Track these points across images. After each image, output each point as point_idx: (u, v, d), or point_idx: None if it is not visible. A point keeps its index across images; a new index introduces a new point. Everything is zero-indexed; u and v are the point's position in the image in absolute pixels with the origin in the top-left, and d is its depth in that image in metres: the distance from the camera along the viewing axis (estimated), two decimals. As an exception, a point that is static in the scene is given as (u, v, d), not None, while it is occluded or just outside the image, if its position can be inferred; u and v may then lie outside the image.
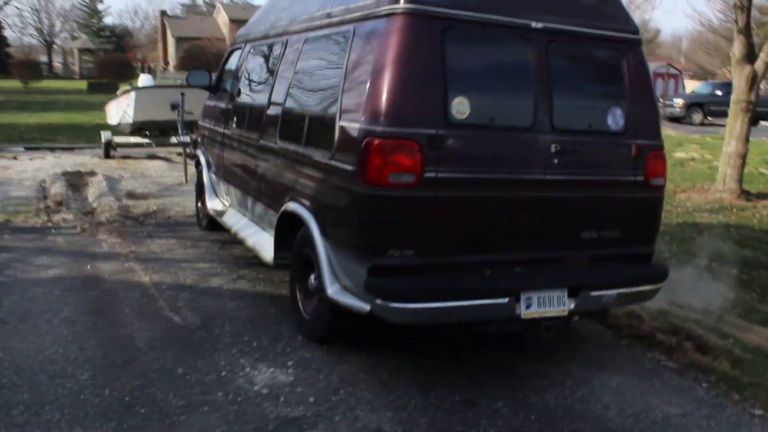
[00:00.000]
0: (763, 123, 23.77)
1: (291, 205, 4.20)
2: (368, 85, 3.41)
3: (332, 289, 3.66)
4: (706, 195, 10.00)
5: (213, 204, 6.37)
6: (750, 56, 9.54)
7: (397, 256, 3.40)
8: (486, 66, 3.67)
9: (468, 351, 4.21)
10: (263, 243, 4.79)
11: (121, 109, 11.77)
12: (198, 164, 6.97)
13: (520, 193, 3.62)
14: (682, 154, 15.17)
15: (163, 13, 58.29)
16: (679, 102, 24.90)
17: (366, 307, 3.46)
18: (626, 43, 3.93)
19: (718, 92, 24.48)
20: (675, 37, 66.08)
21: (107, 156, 11.72)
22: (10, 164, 10.86)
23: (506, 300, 3.50)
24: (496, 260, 3.64)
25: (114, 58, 44.39)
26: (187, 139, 9.52)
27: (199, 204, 7.05)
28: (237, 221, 5.61)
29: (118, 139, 11.83)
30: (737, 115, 9.69)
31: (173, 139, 11.17)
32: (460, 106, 3.44)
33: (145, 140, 11.74)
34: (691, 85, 30.76)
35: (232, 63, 6.29)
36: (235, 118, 5.67)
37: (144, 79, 13.08)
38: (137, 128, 11.69)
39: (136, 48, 61.47)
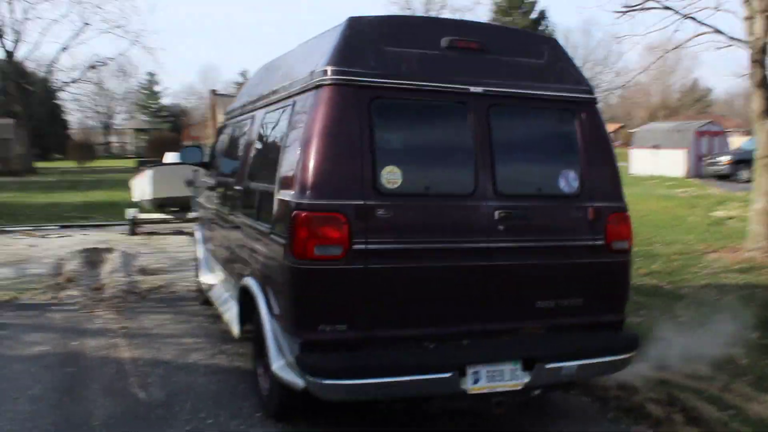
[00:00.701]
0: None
1: (246, 280, 4.22)
2: (298, 157, 3.44)
3: (276, 365, 3.61)
4: (737, 255, 9.59)
5: (205, 278, 6.44)
6: (768, 111, 9.29)
7: (329, 331, 3.33)
8: (420, 133, 3.67)
9: (430, 423, 4.04)
10: (232, 317, 4.79)
11: (141, 187, 12.21)
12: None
13: (463, 262, 3.53)
14: (721, 212, 14.68)
15: (213, 91, 60.84)
16: (724, 159, 24.28)
17: (300, 383, 3.38)
18: (578, 104, 3.88)
19: (767, 148, 23.73)
20: (729, 94, 65.29)
21: (133, 233, 12.08)
22: (38, 242, 11.29)
23: (449, 375, 3.37)
24: (441, 333, 3.52)
25: (164, 137, 46.37)
26: None
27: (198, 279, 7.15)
28: (219, 295, 5.65)
29: (142, 216, 12.20)
30: (763, 171, 9.37)
31: (191, 215, 11.45)
32: (391, 176, 3.42)
33: (168, 216, 12.07)
34: (739, 142, 30.01)
35: (219, 139, 6.48)
36: (215, 194, 5.81)
37: (170, 157, 13.56)
38: (158, 204, 12.05)
39: (190, 126, 64.15)
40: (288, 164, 3.60)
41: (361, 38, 3.56)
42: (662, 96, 59.25)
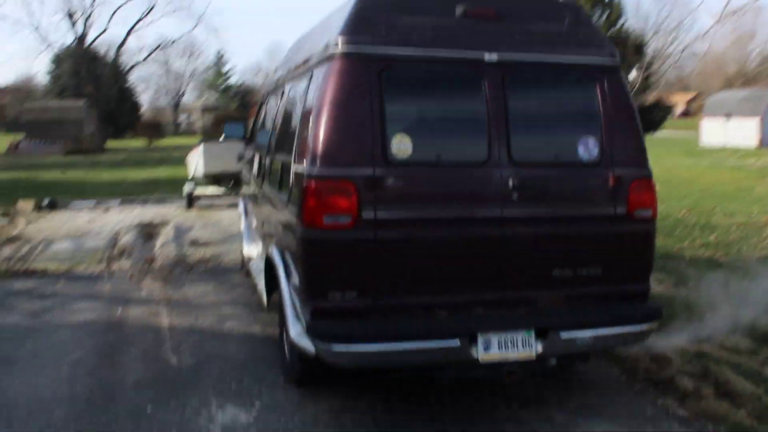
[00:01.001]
0: None
1: (270, 250, 4.31)
2: (311, 128, 3.48)
3: (293, 332, 3.69)
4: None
5: (248, 250, 6.61)
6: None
7: (339, 299, 3.38)
8: (432, 102, 3.65)
9: (449, 394, 4.07)
10: (261, 287, 4.92)
11: (194, 162, 12.54)
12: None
13: (475, 231, 3.51)
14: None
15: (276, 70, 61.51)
16: None
17: (312, 349, 3.46)
18: (599, 70, 3.76)
19: None
20: None
21: (190, 206, 12.45)
22: (98, 217, 11.79)
23: (457, 342, 3.37)
24: (453, 301, 3.52)
25: (230, 115, 47.27)
26: None
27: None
28: (255, 266, 5.79)
29: (198, 191, 12.55)
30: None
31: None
32: (401, 145, 3.42)
33: (223, 190, 12.38)
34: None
35: (258, 114, 6.61)
36: (252, 166, 5.93)
37: (229, 129, 13.79)
38: (212, 179, 12.36)
39: (257, 104, 65.17)
40: (302, 136, 3.66)
41: (373, 9, 3.56)
42: (739, 64, 56.46)
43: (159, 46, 39.32)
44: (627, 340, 3.86)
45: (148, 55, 39.91)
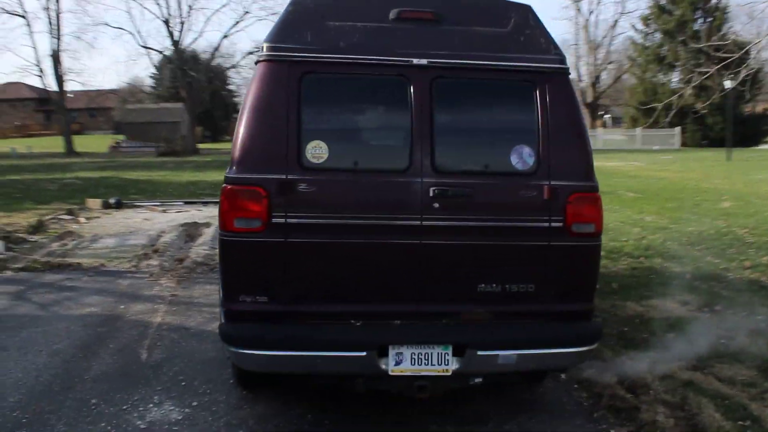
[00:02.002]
0: None
1: None
2: (235, 133, 3.59)
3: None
4: None
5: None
6: None
7: (250, 302, 3.45)
8: (353, 108, 3.66)
9: (387, 406, 4.06)
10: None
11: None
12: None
13: (392, 239, 3.47)
14: None
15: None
16: None
17: (228, 352, 3.56)
18: (541, 74, 3.64)
19: None
20: None
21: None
22: (154, 216, 12.44)
23: (364, 354, 3.36)
24: (370, 311, 3.51)
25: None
26: None
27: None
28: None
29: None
30: None
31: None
32: (315, 150, 3.45)
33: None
34: None
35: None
36: None
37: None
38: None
39: None
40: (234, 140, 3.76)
41: (303, 14, 3.61)
42: None
43: (253, 50, 40.69)
44: (560, 361, 3.70)
45: (242, 59, 41.57)
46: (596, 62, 53.16)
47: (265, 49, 3.53)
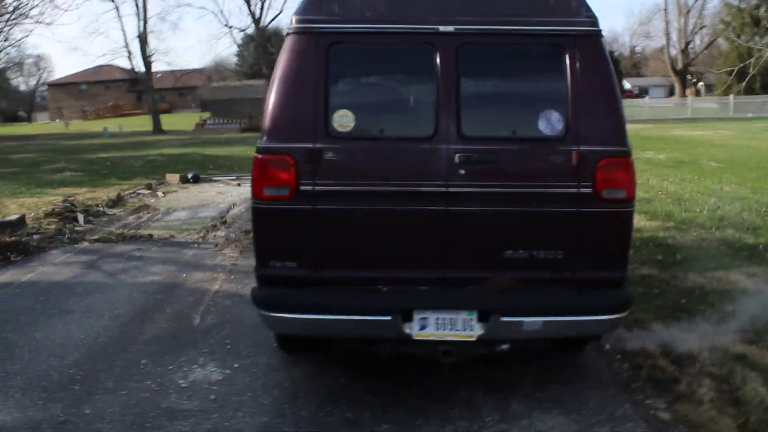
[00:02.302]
0: None
1: None
2: (265, 104, 3.69)
3: None
4: None
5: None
6: None
7: (279, 267, 3.58)
8: (380, 77, 3.70)
9: (419, 372, 4.13)
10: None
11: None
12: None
13: (418, 206, 3.51)
14: None
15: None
16: None
17: (259, 315, 3.70)
18: (571, 38, 3.55)
19: None
20: None
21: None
22: (229, 190, 12.86)
23: (389, 318, 3.43)
24: (396, 277, 3.56)
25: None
26: None
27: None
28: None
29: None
30: None
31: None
32: (342, 119, 3.51)
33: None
34: None
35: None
36: None
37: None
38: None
39: None
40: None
41: None
42: None
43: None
44: (586, 330, 3.65)
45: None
46: (687, 27, 50.61)
47: (293, 22, 3.61)
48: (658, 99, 52.82)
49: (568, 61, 3.53)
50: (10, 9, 35.01)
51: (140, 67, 45.30)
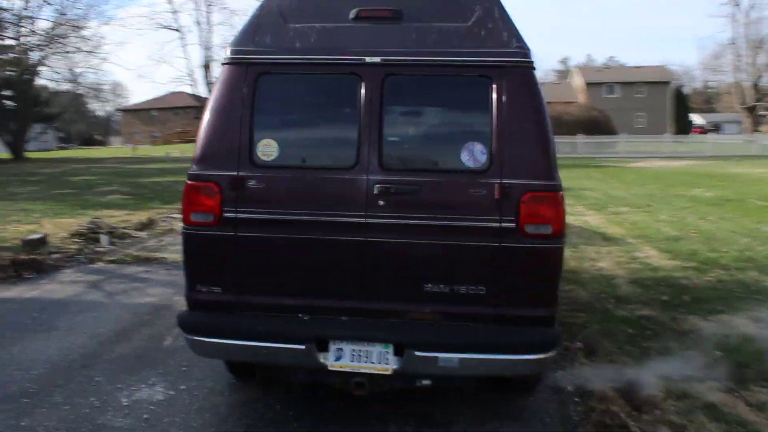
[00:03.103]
0: None
1: None
2: (198, 132, 3.85)
3: None
4: None
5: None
6: None
7: (205, 291, 3.70)
8: (305, 107, 3.80)
9: (357, 401, 4.15)
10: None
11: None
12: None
13: (337, 236, 3.57)
14: None
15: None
16: None
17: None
18: (499, 68, 3.58)
19: None
20: None
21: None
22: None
23: (303, 347, 3.48)
24: (317, 305, 3.62)
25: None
26: None
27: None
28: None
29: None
30: None
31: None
32: (266, 149, 3.64)
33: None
34: None
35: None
36: None
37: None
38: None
39: None
40: None
41: (267, 17, 3.82)
42: None
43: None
44: (508, 369, 3.58)
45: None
46: (757, 61, 48.98)
47: (228, 53, 3.78)
48: (728, 135, 51.17)
49: (495, 92, 3.55)
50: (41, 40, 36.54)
51: (205, 93, 47.01)
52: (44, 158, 41.50)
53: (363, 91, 3.60)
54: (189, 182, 3.70)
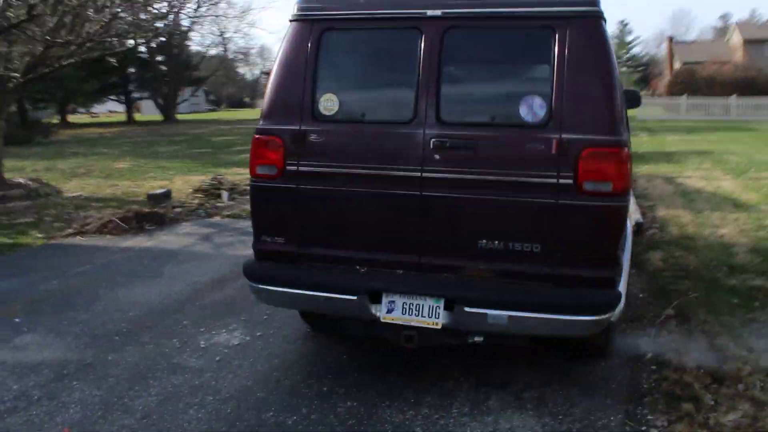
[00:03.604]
0: None
1: None
2: (266, 88, 4.01)
3: None
4: None
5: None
6: None
7: (269, 242, 3.89)
8: (366, 61, 3.84)
9: (418, 358, 4.21)
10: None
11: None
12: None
13: (394, 190, 3.60)
14: None
15: (671, 39, 58.46)
16: None
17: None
18: (564, 19, 3.42)
19: None
20: None
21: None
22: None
23: (354, 298, 3.58)
24: (374, 258, 3.69)
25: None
26: None
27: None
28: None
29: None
30: None
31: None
32: (327, 103, 3.73)
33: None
34: None
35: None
36: None
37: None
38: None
39: (658, 76, 63.33)
40: None
41: None
42: None
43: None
44: (559, 330, 3.47)
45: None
46: None
47: (294, 10, 3.88)
48: None
49: (557, 44, 3.42)
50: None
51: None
52: (193, 120, 44.29)
53: (422, 44, 3.59)
54: (256, 136, 3.87)
